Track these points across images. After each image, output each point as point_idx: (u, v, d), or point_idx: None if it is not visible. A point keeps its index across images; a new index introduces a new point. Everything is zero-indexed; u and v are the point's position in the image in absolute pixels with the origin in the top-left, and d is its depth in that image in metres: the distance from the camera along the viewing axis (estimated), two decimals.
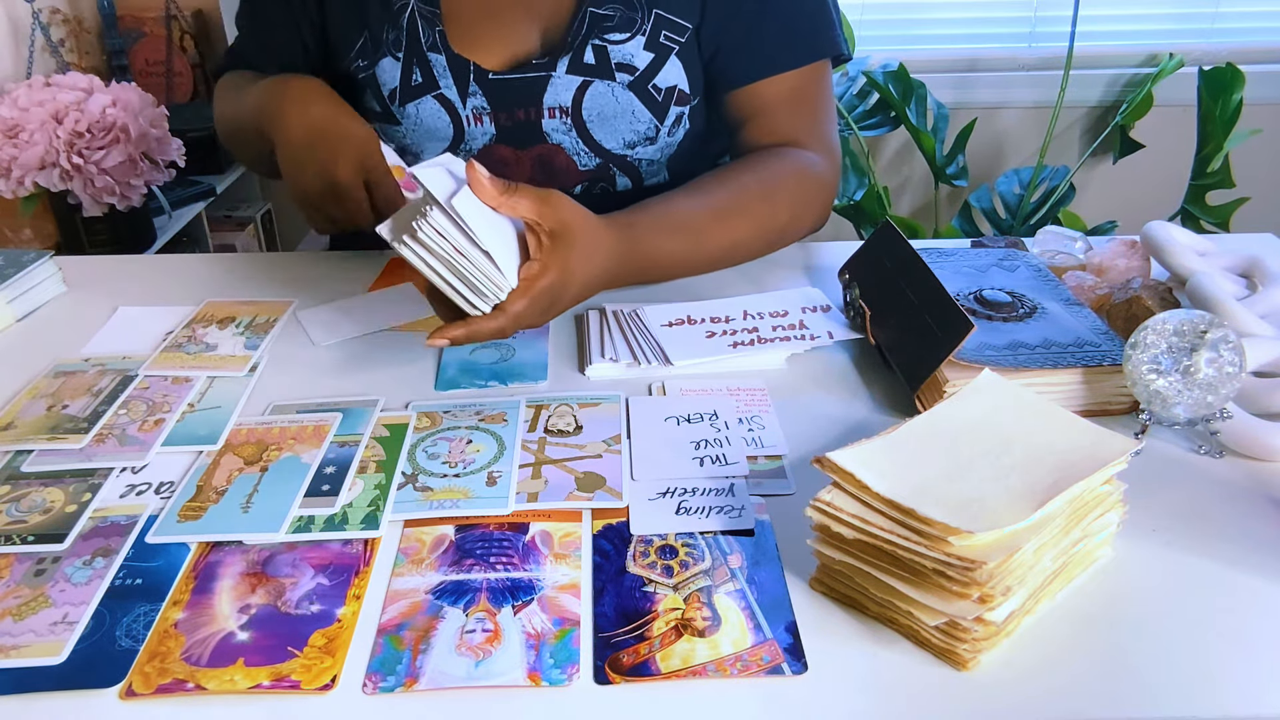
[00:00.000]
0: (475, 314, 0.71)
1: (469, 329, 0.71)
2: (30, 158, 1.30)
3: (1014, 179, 2.18)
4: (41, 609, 0.57)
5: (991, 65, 2.21)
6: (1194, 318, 0.68)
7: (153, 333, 0.88)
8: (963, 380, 0.69)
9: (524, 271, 0.71)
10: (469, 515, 0.64)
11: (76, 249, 1.50)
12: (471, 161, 0.69)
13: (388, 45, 0.97)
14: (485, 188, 0.69)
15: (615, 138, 0.98)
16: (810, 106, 0.98)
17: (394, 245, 0.69)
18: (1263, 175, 2.16)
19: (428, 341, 0.71)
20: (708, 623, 0.55)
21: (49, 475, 0.68)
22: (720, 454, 0.70)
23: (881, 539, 0.53)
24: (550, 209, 0.71)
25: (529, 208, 0.70)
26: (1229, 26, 2.19)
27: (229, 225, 2.07)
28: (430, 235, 0.67)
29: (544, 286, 0.72)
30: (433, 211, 0.67)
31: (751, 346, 0.83)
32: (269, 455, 0.70)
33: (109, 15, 1.94)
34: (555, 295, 0.73)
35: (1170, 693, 0.51)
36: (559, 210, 0.72)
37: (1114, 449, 0.58)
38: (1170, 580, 0.59)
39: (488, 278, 0.69)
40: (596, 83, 0.95)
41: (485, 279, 0.69)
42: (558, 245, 0.72)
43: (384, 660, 0.54)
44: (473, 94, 0.97)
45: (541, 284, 0.71)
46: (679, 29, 0.95)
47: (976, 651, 0.52)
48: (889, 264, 0.82)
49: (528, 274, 0.71)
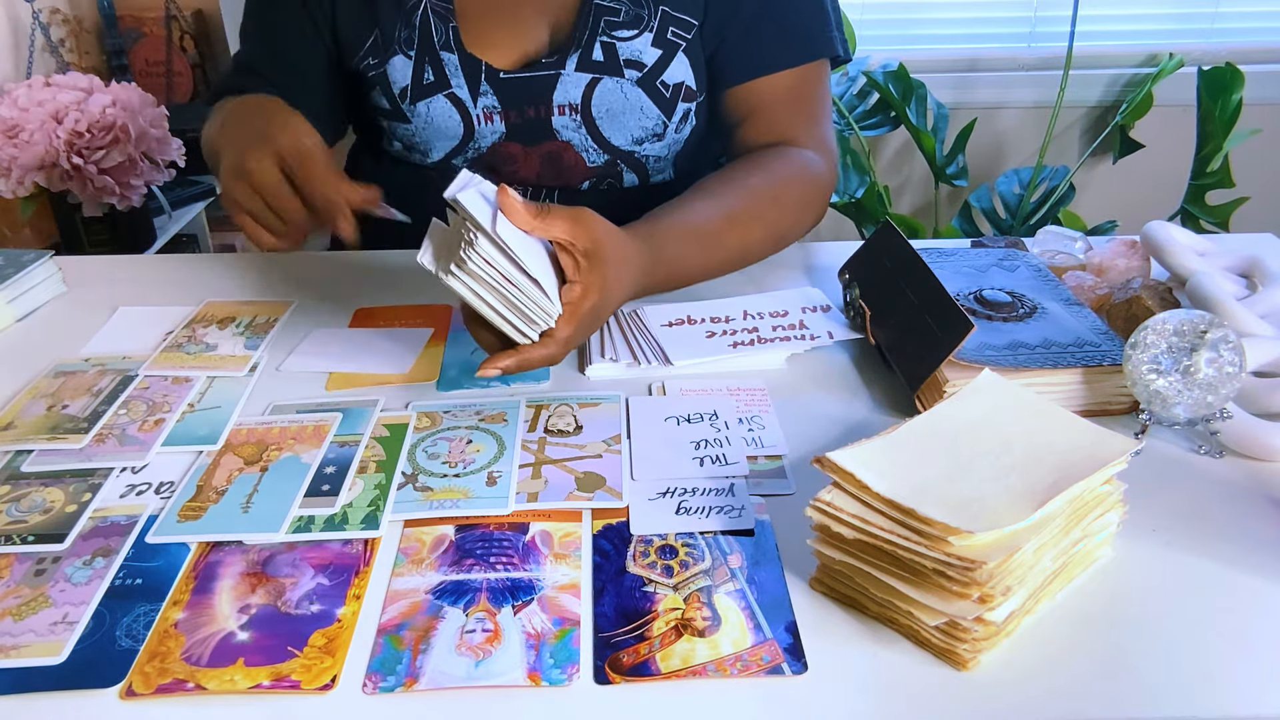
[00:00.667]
0: (523, 341, 0.70)
1: (520, 358, 0.70)
2: (30, 158, 1.30)
3: (1014, 179, 2.18)
4: (41, 609, 0.57)
5: (991, 65, 2.21)
6: (1194, 318, 0.68)
7: (153, 333, 0.88)
8: (963, 380, 0.69)
9: (566, 295, 0.70)
10: (469, 515, 0.64)
11: (76, 249, 1.50)
12: (503, 186, 0.68)
13: (400, 43, 0.97)
14: (519, 212, 0.67)
15: (624, 134, 0.99)
16: (808, 106, 0.98)
17: (440, 277, 0.67)
18: (1262, 175, 2.16)
19: (479, 373, 0.70)
20: (708, 623, 0.55)
21: (49, 475, 0.68)
22: (720, 454, 0.70)
23: (881, 539, 0.53)
24: (583, 229, 0.70)
25: (564, 229, 0.69)
26: (1229, 26, 2.19)
27: (229, 225, 2.07)
28: (480, 265, 0.66)
29: (588, 309, 0.71)
30: (479, 240, 0.66)
31: (751, 346, 0.83)
32: (269, 455, 0.70)
33: (109, 15, 1.94)
34: (597, 315, 0.73)
35: (1170, 693, 0.51)
36: (592, 229, 0.71)
37: (1114, 449, 0.58)
38: (1170, 580, 0.59)
39: (537, 305, 0.68)
40: (605, 79, 0.95)
41: (535, 306, 0.68)
42: (594, 265, 0.71)
43: (384, 660, 0.54)
44: (484, 93, 0.97)
45: (585, 306, 0.71)
46: (685, 25, 0.95)
47: (976, 651, 0.52)
48: (889, 264, 0.82)
49: (569, 297, 0.70)
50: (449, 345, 0.85)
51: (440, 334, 0.87)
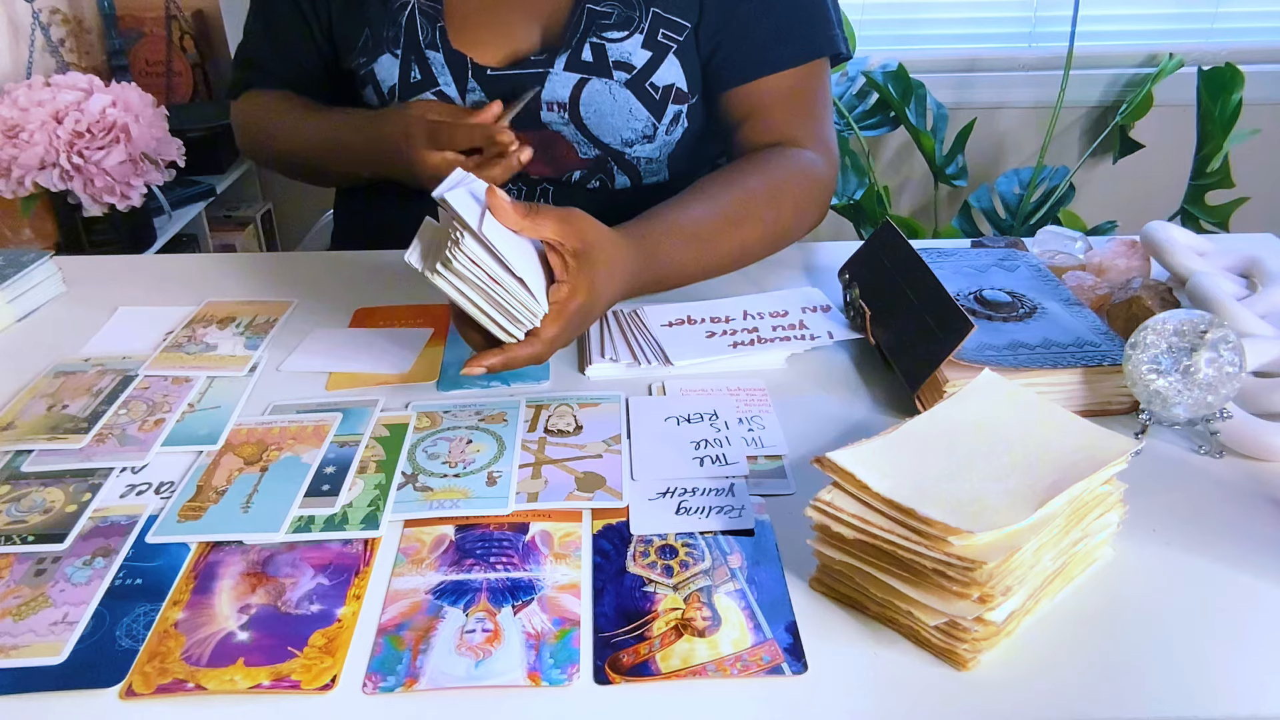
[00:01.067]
0: (509, 340, 0.70)
1: (506, 357, 0.70)
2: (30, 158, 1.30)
3: (1014, 179, 2.18)
4: (41, 609, 0.57)
5: (991, 65, 2.21)
6: (1194, 318, 0.68)
7: (153, 333, 0.88)
8: (963, 380, 0.69)
9: (553, 295, 0.70)
10: (469, 515, 0.64)
11: (76, 249, 1.50)
12: (492, 188, 0.68)
13: (387, 42, 0.98)
14: (508, 212, 0.68)
15: (613, 135, 0.98)
16: (808, 105, 0.98)
17: (426, 275, 0.68)
18: (1262, 175, 2.16)
19: (464, 371, 0.70)
20: (708, 623, 0.55)
21: (49, 475, 0.68)
22: (720, 454, 0.70)
23: (881, 539, 0.53)
24: (573, 228, 0.70)
25: (553, 229, 0.69)
26: (1229, 26, 2.19)
27: (229, 225, 2.07)
28: (465, 264, 0.66)
29: (574, 309, 0.71)
30: (465, 239, 0.66)
31: (751, 346, 0.83)
32: (269, 455, 0.70)
33: (109, 15, 1.94)
34: (585, 315, 0.73)
35: (1170, 693, 0.51)
36: (581, 230, 0.71)
37: (1114, 449, 0.58)
38: (1170, 580, 0.59)
39: (523, 304, 0.68)
40: (594, 80, 0.95)
41: (520, 306, 0.68)
42: (583, 265, 0.71)
43: (384, 660, 0.54)
44: (471, 90, 0.97)
45: (572, 307, 0.71)
46: (677, 27, 0.95)
47: (976, 651, 0.52)
48: (889, 264, 0.82)
49: (557, 297, 0.70)
50: (449, 345, 0.85)
51: (440, 334, 0.87)
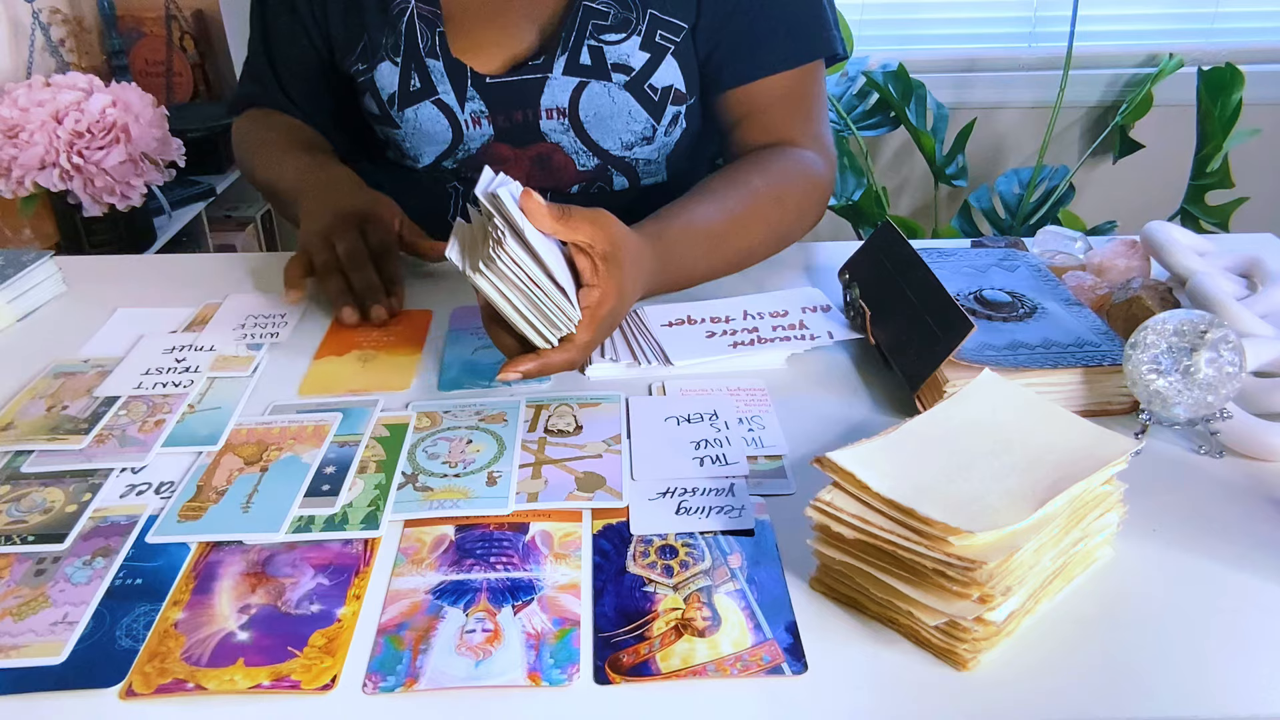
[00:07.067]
0: (542, 345, 0.69)
1: (541, 362, 0.69)
2: (30, 158, 1.30)
3: (1013, 179, 2.18)
4: (41, 609, 0.57)
5: (991, 65, 2.21)
6: (1194, 318, 0.68)
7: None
8: (963, 380, 0.69)
9: (584, 299, 0.69)
10: (469, 515, 0.64)
11: (76, 249, 1.50)
12: (528, 190, 0.67)
13: (386, 50, 0.97)
14: (542, 214, 0.66)
15: (612, 138, 0.98)
16: (805, 106, 0.98)
17: (468, 275, 0.66)
18: (1262, 175, 2.16)
19: (499, 376, 0.69)
20: (708, 623, 0.55)
21: (49, 475, 0.68)
22: (720, 454, 0.70)
23: (881, 539, 0.53)
24: (603, 231, 0.69)
25: (587, 232, 0.68)
26: (1229, 26, 2.19)
27: (229, 225, 2.07)
28: (508, 265, 0.65)
29: (605, 313, 0.71)
30: (508, 240, 0.65)
31: (751, 346, 0.83)
32: (269, 455, 0.70)
33: (109, 15, 1.94)
34: (614, 318, 0.72)
35: (1170, 693, 0.51)
36: (611, 233, 0.70)
37: (1114, 449, 0.58)
38: (1170, 580, 0.59)
39: (559, 309, 0.67)
40: (593, 83, 0.95)
41: (558, 310, 0.67)
42: (611, 268, 0.70)
43: (384, 660, 0.54)
44: (470, 98, 0.97)
45: (603, 311, 0.70)
46: (674, 29, 0.95)
47: (976, 651, 0.52)
48: (889, 264, 0.82)
49: (588, 301, 0.69)
50: (449, 345, 0.85)
51: (417, 341, 0.86)
